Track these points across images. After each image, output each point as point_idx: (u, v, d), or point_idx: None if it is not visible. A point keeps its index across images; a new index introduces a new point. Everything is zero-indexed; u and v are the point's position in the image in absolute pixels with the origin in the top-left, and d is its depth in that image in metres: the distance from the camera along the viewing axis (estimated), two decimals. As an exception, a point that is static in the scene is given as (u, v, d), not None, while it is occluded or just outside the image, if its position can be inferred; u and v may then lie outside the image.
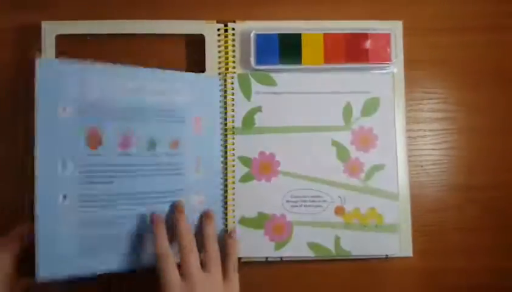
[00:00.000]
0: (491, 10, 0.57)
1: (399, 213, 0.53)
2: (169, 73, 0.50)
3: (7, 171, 0.52)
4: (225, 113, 0.53)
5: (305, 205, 0.53)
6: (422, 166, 0.55)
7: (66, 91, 0.44)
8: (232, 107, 0.53)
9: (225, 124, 0.53)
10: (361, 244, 0.53)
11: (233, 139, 0.53)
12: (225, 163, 0.52)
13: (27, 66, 0.53)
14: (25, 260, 0.44)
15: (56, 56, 0.51)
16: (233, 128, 0.53)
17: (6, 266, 0.43)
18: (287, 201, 0.53)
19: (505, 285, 0.55)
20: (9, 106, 0.53)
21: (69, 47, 0.53)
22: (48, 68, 0.44)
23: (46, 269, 0.42)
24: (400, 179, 0.53)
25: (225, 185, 0.52)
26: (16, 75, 0.53)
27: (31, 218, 0.43)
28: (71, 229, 0.44)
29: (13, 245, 0.44)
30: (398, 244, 0.53)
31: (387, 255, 0.53)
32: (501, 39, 0.57)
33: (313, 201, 0.53)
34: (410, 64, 0.55)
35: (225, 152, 0.52)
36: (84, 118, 0.45)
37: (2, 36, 0.53)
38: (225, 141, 0.53)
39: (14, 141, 0.52)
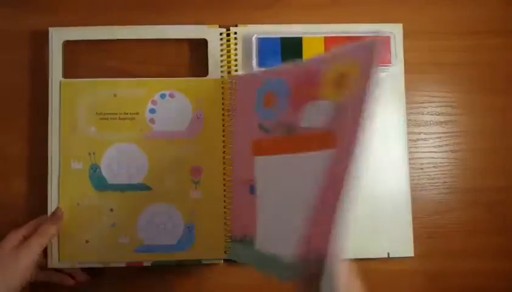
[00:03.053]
0: (490, 14, 0.57)
1: (399, 214, 0.53)
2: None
3: (23, 169, 0.54)
4: (229, 115, 0.53)
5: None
6: (422, 168, 0.55)
7: None
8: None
9: (229, 126, 0.53)
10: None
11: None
12: (226, 164, 0.53)
13: (36, 70, 0.55)
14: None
15: (63, 62, 0.53)
16: (235, 130, 0.54)
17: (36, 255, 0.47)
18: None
19: (506, 286, 0.55)
20: (21, 106, 0.55)
21: (76, 52, 0.55)
22: None
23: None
24: (400, 181, 0.54)
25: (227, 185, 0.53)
26: (25, 77, 0.55)
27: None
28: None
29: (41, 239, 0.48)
30: (399, 244, 0.53)
31: (388, 255, 0.54)
32: (501, 42, 0.57)
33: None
34: (410, 67, 0.55)
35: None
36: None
37: (13, 40, 0.55)
38: (227, 142, 0.53)
39: (25, 139, 0.55)
